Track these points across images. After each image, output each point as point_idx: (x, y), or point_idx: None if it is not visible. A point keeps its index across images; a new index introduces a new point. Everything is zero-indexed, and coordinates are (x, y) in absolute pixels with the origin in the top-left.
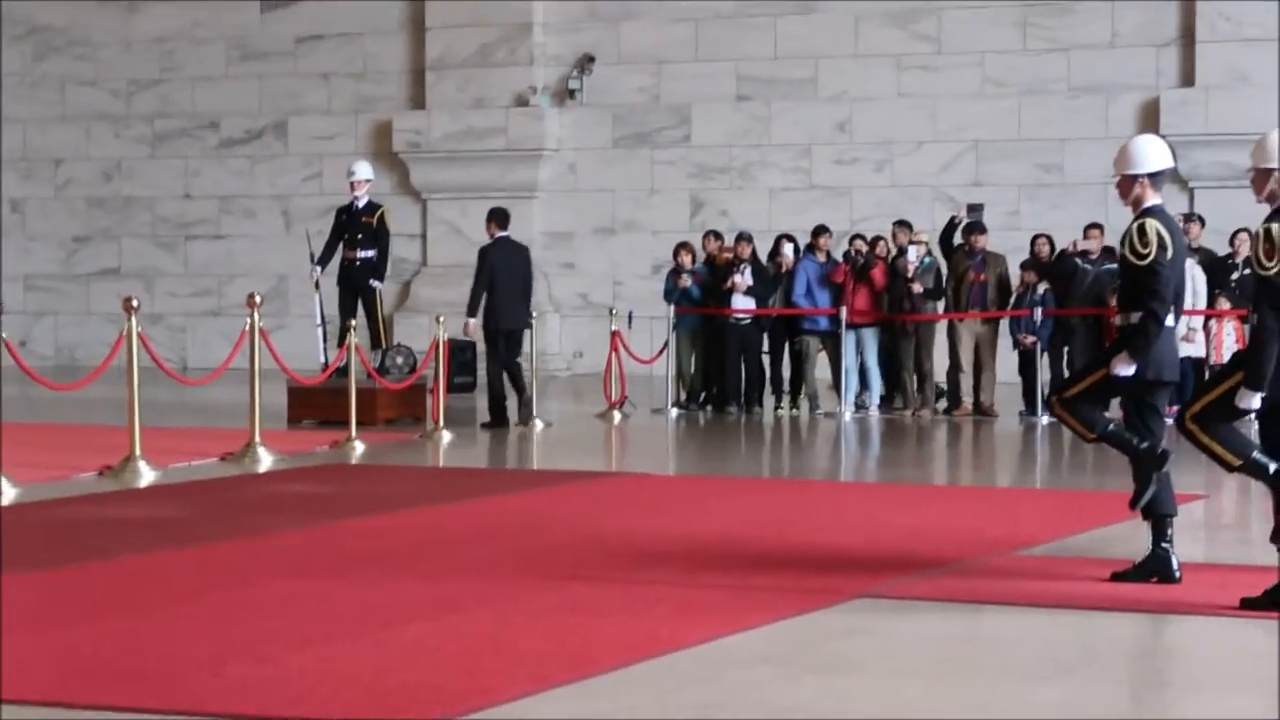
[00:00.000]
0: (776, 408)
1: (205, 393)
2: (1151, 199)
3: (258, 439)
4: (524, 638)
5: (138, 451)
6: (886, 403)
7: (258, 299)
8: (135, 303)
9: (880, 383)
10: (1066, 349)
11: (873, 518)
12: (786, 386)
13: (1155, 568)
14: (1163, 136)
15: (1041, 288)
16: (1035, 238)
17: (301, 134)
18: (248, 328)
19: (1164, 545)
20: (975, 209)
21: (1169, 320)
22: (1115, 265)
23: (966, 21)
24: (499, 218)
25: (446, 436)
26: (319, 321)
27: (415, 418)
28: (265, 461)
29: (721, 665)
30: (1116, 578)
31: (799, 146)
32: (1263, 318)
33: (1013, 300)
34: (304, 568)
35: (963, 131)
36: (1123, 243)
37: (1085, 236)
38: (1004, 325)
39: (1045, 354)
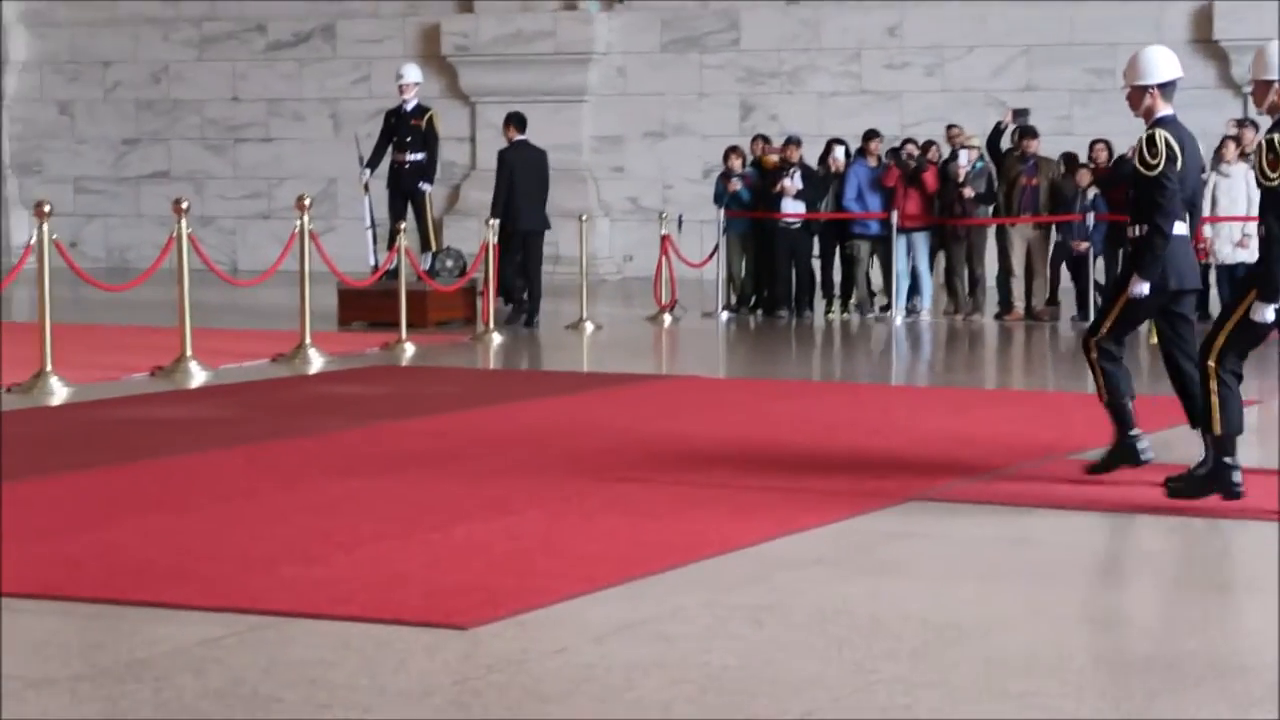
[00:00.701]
0: (827, 312)
1: (255, 294)
2: (1162, 109)
3: (308, 340)
4: (575, 539)
5: (189, 352)
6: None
7: (307, 202)
8: (185, 205)
9: (931, 287)
10: (1121, 253)
11: (924, 422)
12: (837, 291)
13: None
14: (1215, 42)
15: (1092, 192)
16: (1093, 143)
17: (349, 37)
18: (297, 230)
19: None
20: (1021, 114)
21: (1180, 229)
22: None
23: None
24: (516, 121)
25: (496, 338)
26: (369, 224)
27: (465, 320)
28: (316, 363)
29: (773, 566)
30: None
31: (849, 51)
32: (1270, 229)
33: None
34: (355, 468)
35: (1014, 36)
36: (1133, 154)
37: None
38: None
39: (1099, 258)
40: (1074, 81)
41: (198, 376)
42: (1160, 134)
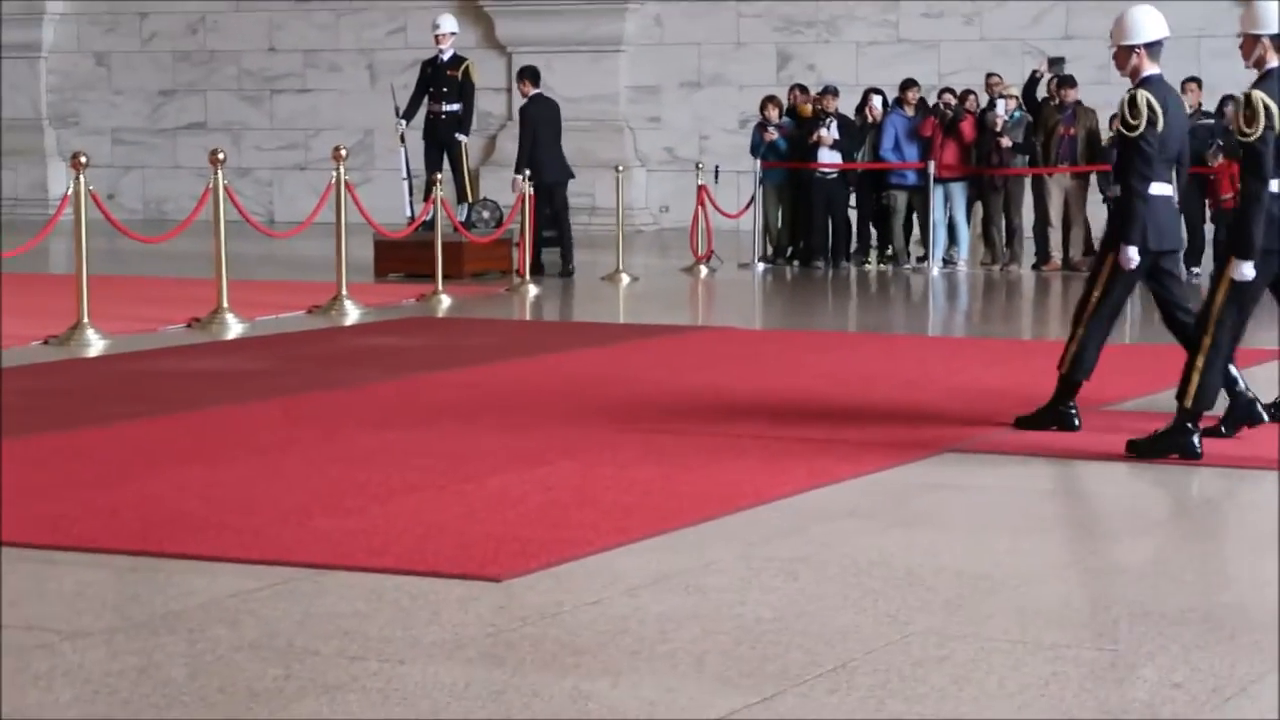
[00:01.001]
0: (864, 262)
1: (292, 246)
2: (1149, 69)
3: (344, 292)
4: (609, 490)
5: (225, 304)
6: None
7: (343, 153)
8: (221, 156)
9: (968, 237)
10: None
11: (960, 373)
12: (874, 241)
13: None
14: None
15: None
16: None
17: None
18: (334, 181)
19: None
20: (1056, 63)
21: (1162, 189)
22: (1212, 121)
23: None
24: (531, 76)
25: (533, 290)
26: (405, 175)
27: (501, 271)
28: (352, 314)
29: (807, 518)
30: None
31: (886, 0)
32: (1246, 186)
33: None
34: (390, 420)
35: None
36: (1117, 114)
37: (1182, 91)
38: (1094, 179)
39: None
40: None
41: (234, 328)
42: (1143, 95)
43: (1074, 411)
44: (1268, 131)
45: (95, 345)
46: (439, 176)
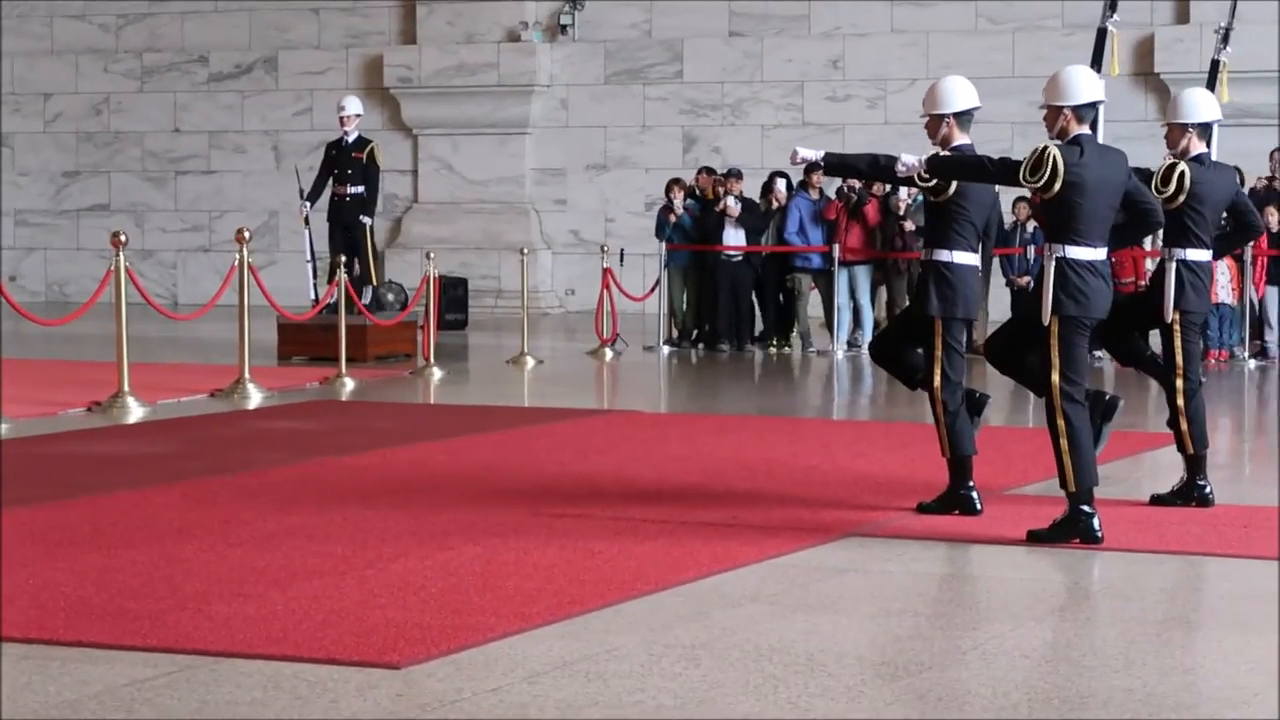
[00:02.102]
0: (768, 345)
1: (195, 328)
2: (959, 139)
3: (247, 375)
4: (512, 576)
5: (126, 387)
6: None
7: (247, 234)
8: (123, 238)
9: (873, 321)
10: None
11: (864, 456)
12: (778, 324)
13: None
14: (1156, 74)
15: (1032, 225)
16: None
17: (291, 69)
18: (237, 263)
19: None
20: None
21: (969, 259)
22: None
23: None
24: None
25: (437, 373)
26: (309, 258)
27: (405, 354)
28: (254, 398)
29: (710, 603)
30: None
31: (792, 83)
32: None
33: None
34: (291, 504)
35: (956, 68)
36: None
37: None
38: (996, 264)
39: None
40: (1016, 113)
41: (135, 412)
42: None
43: (975, 495)
44: (1049, 185)
45: None
46: (343, 259)
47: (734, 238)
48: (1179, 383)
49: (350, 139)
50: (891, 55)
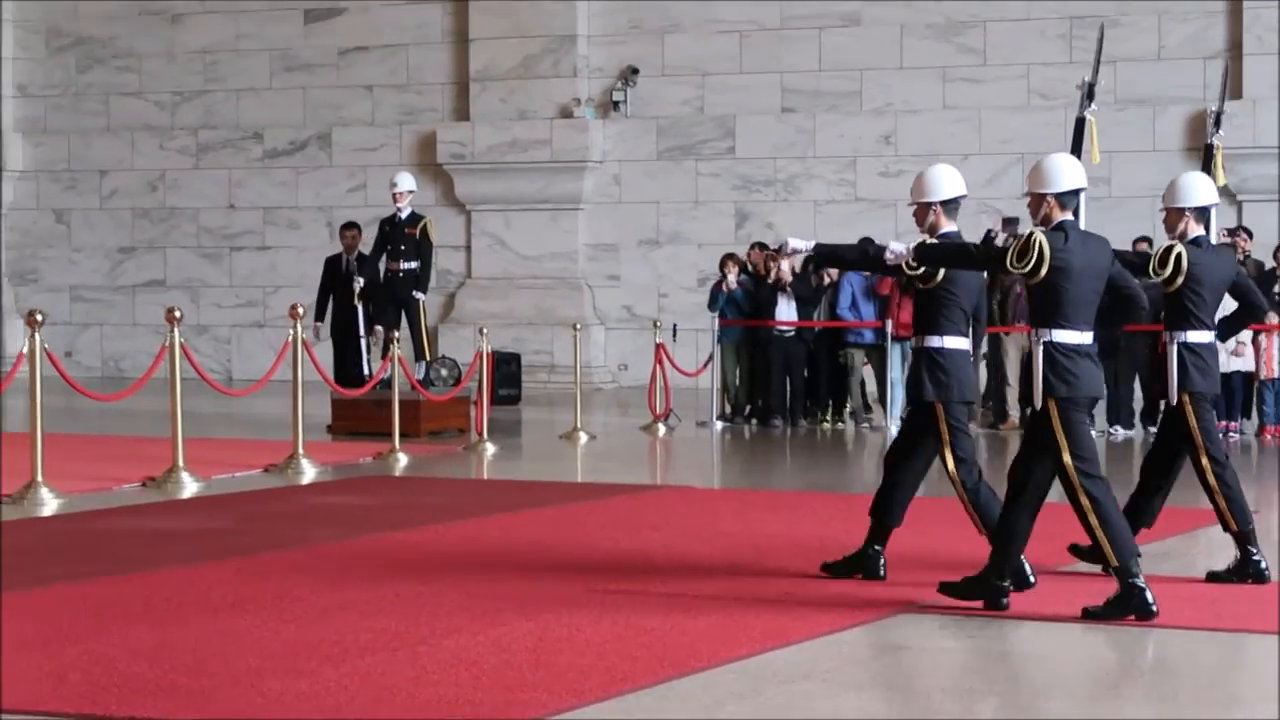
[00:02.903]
0: (821, 421)
1: (249, 404)
2: (945, 226)
3: (300, 450)
4: (564, 652)
5: (180, 462)
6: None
7: (301, 310)
8: (178, 314)
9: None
10: (1114, 364)
11: (918, 531)
12: (831, 400)
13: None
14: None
15: None
16: None
17: (345, 145)
18: (291, 339)
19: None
20: (1011, 222)
21: (960, 343)
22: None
23: (1012, 33)
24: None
25: (490, 449)
26: (362, 333)
27: (459, 430)
28: (308, 473)
29: (764, 681)
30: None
31: (844, 159)
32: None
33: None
34: (344, 580)
35: (1008, 144)
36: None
37: (1134, 250)
38: None
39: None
40: None
41: (189, 487)
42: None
43: (1025, 567)
44: (1032, 271)
45: (49, 504)
46: (396, 334)
47: (787, 312)
48: (1204, 461)
49: (403, 215)
50: (944, 131)
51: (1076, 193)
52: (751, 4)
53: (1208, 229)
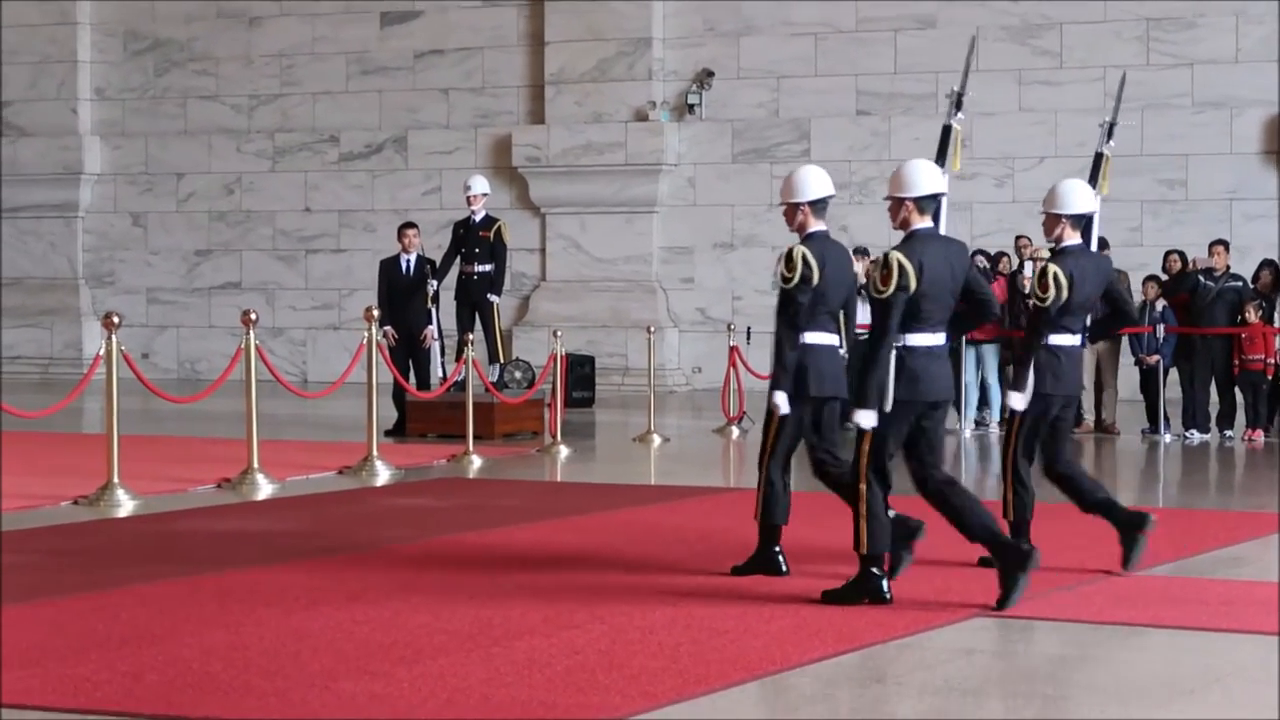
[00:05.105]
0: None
1: (323, 406)
2: (813, 225)
3: (375, 452)
4: (638, 654)
5: (255, 464)
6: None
7: (376, 313)
8: (254, 316)
9: (1000, 399)
10: (1190, 368)
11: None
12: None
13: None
14: None
15: (1161, 304)
16: (1167, 253)
17: (421, 148)
18: (366, 341)
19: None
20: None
21: (826, 339)
22: (1240, 283)
23: (1088, 36)
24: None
25: (564, 451)
26: (436, 336)
27: (533, 432)
28: (382, 475)
29: (837, 684)
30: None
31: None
32: (871, 336)
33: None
34: (418, 582)
35: (1084, 146)
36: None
37: (1210, 253)
38: (1125, 343)
39: (1169, 371)
40: (1145, 192)
41: (264, 489)
42: (799, 250)
43: (780, 556)
44: (899, 292)
45: (125, 506)
46: (470, 337)
47: (864, 315)
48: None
49: (478, 218)
50: (1019, 134)
51: (935, 197)
52: (826, 6)
53: (1086, 235)
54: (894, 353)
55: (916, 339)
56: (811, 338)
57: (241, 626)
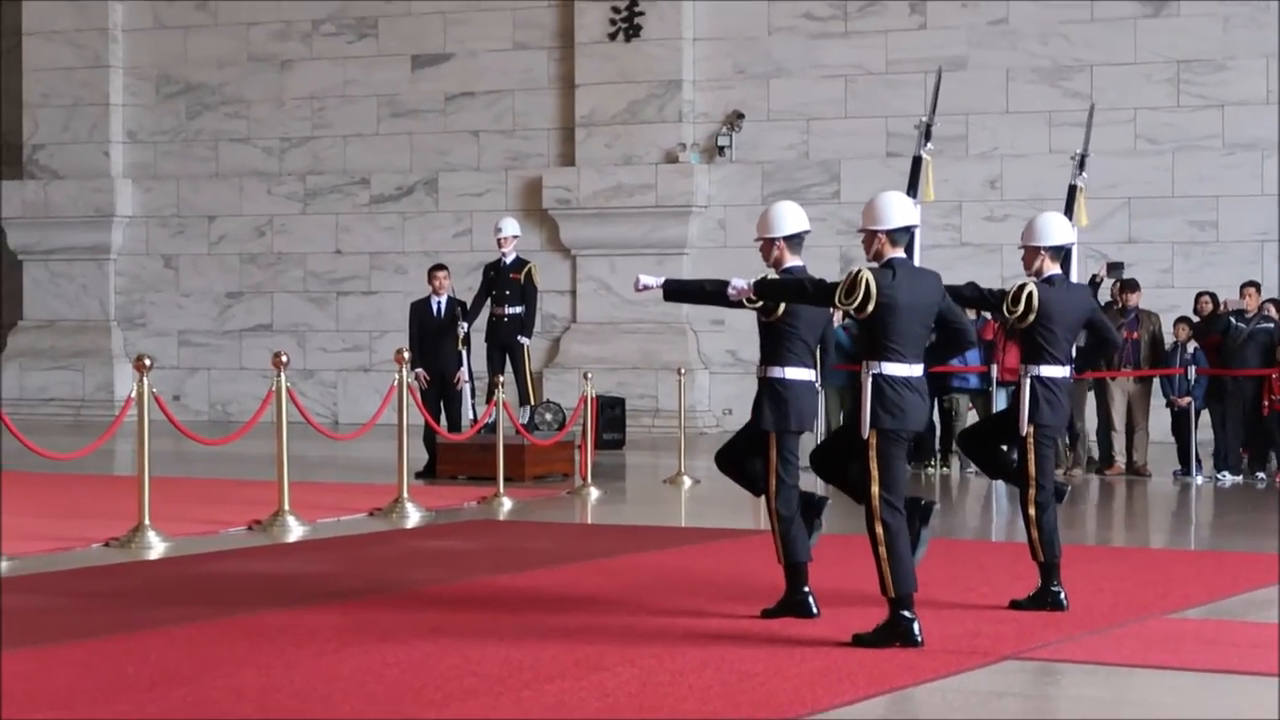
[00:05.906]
0: (926, 466)
1: (354, 448)
2: (789, 260)
3: (406, 494)
4: (668, 697)
5: (286, 506)
6: None
7: (406, 355)
8: (285, 358)
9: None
10: (1221, 409)
11: (1023, 578)
12: (936, 445)
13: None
14: None
15: (1192, 346)
16: (1199, 295)
17: (451, 191)
18: (397, 383)
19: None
20: (1116, 268)
21: (802, 374)
22: (1272, 324)
23: (1119, 78)
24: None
25: (594, 493)
26: (467, 378)
27: (563, 474)
28: (413, 517)
29: None
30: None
31: (949, 203)
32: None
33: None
34: (448, 624)
35: (1115, 189)
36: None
37: (1241, 295)
38: (1157, 384)
39: (1201, 413)
40: (1176, 234)
41: (294, 530)
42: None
43: (811, 600)
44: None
45: (156, 548)
46: (501, 379)
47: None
48: (1032, 492)
49: (508, 260)
50: (1049, 175)
51: (908, 229)
52: (856, 49)
53: (1065, 267)
54: (871, 381)
55: (892, 369)
56: (789, 373)
57: (271, 668)
